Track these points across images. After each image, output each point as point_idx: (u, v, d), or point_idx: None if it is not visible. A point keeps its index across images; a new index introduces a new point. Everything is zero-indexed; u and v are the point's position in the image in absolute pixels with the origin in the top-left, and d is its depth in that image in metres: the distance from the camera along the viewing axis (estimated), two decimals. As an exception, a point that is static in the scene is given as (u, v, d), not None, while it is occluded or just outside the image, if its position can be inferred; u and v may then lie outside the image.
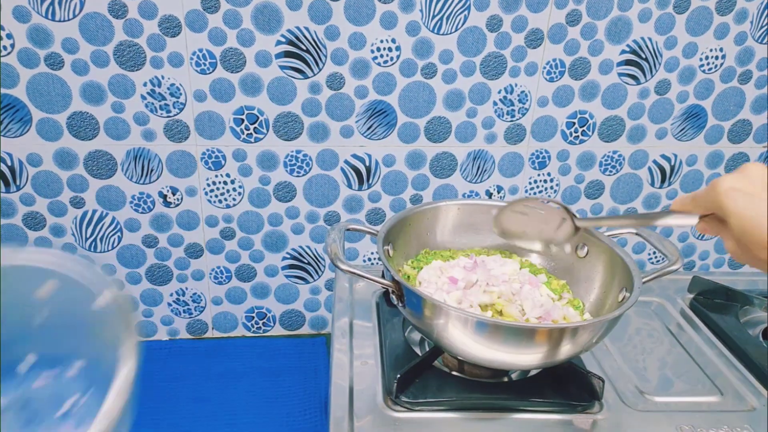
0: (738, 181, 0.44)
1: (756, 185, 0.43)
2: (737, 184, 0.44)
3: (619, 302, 0.66)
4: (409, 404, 0.64)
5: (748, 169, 0.45)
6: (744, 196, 0.43)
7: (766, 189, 0.43)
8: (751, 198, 0.43)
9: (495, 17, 0.89)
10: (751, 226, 0.42)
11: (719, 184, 0.44)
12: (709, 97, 0.99)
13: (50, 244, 0.97)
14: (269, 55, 0.88)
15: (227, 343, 1.08)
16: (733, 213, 0.43)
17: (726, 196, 0.44)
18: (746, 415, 0.66)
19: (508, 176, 1.02)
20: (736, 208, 0.43)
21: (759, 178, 0.44)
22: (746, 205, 0.43)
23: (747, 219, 0.42)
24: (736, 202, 0.43)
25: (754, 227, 0.42)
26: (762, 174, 0.44)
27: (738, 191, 0.43)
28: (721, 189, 0.44)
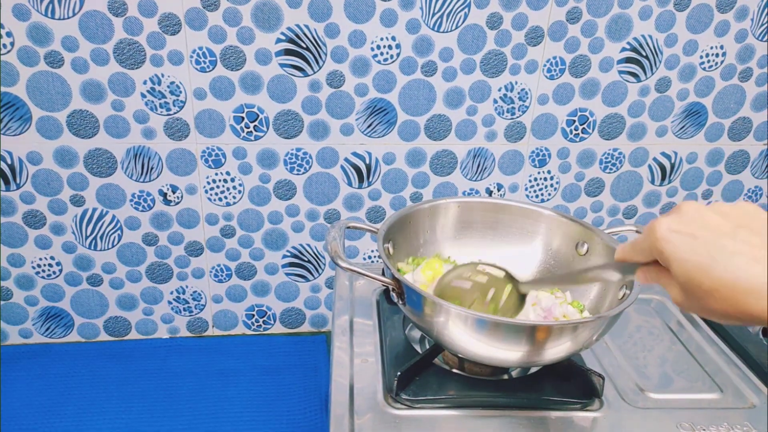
0: (675, 222, 0.39)
1: (694, 226, 0.39)
2: (675, 226, 0.39)
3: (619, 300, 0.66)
4: (410, 402, 0.64)
5: (683, 208, 0.40)
6: (684, 239, 0.38)
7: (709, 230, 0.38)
8: (690, 240, 0.38)
9: (495, 15, 0.89)
10: (698, 272, 0.38)
11: (656, 228, 0.40)
12: (710, 95, 0.99)
13: (51, 242, 0.98)
14: (269, 53, 0.88)
15: (227, 341, 1.08)
16: (674, 258, 0.39)
17: (665, 240, 0.39)
18: (746, 413, 0.66)
19: (508, 174, 1.02)
20: (677, 253, 0.39)
21: (697, 218, 0.39)
22: (687, 249, 0.38)
23: (691, 264, 0.38)
24: (675, 246, 0.39)
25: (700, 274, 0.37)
26: (701, 213, 0.39)
27: (677, 234, 0.39)
28: (659, 233, 0.39)
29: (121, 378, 0.98)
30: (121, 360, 1.02)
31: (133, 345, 1.06)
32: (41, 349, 1.04)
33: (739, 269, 0.36)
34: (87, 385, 0.96)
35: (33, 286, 1.01)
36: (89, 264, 1.01)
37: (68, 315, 1.05)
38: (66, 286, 1.02)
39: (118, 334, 1.08)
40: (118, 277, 1.02)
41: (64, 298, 1.03)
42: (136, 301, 1.05)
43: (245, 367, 1.01)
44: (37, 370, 0.99)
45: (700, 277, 0.37)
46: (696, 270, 0.38)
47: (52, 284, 1.01)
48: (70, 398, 0.93)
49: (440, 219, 0.80)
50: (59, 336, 1.06)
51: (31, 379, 0.97)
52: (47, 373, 0.98)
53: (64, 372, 0.99)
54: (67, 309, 1.04)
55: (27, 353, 1.03)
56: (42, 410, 0.91)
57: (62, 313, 1.04)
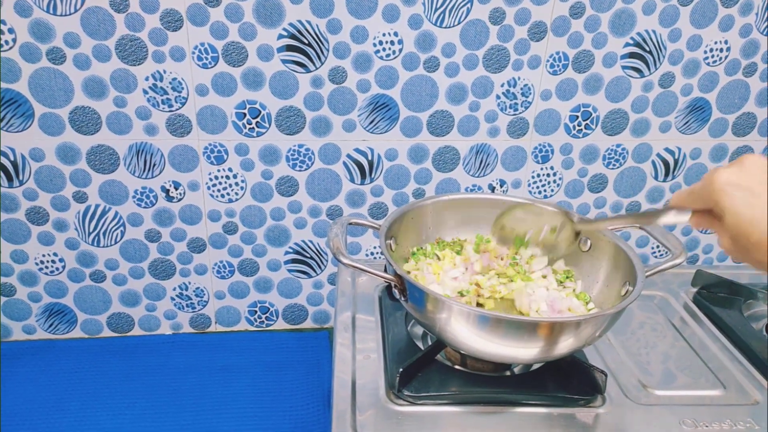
0: (735, 175, 0.41)
1: (754, 180, 0.40)
2: (734, 179, 0.40)
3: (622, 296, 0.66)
4: (412, 398, 0.64)
5: (746, 162, 0.41)
6: (741, 193, 0.40)
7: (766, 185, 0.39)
8: (749, 195, 0.39)
9: (498, 10, 0.89)
10: (749, 225, 0.39)
11: (716, 178, 0.41)
12: (714, 90, 0.99)
13: (53, 239, 0.98)
14: (271, 48, 0.88)
15: (230, 338, 1.09)
16: (729, 211, 0.40)
17: (723, 192, 0.41)
18: (749, 409, 0.66)
19: (510, 170, 1.01)
20: (733, 206, 0.40)
21: (758, 172, 0.40)
22: (743, 202, 0.39)
23: (744, 218, 0.39)
24: (732, 199, 0.40)
25: (751, 227, 0.39)
26: (761, 167, 0.41)
27: (735, 186, 0.40)
28: (718, 185, 0.41)
29: (124, 374, 0.98)
30: (124, 356, 1.02)
31: (136, 341, 1.07)
32: (44, 345, 1.04)
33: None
34: (90, 381, 0.96)
35: (36, 283, 1.01)
36: (92, 260, 1.01)
37: (71, 311, 1.05)
38: (69, 283, 1.02)
39: (121, 330, 1.08)
40: (120, 273, 1.03)
41: (67, 294, 1.03)
42: (139, 297, 1.05)
43: (248, 363, 1.02)
44: (40, 366, 0.99)
45: (751, 229, 0.39)
46: (747, 223, 0.39)
47: (55, 280, 1.02)
48: (73, 394, 0.93)
49: (443, 215, 0.79)
50: (62, 332, 1.07)
51: (35, 375, 0.97)
52: (50, 369, 0.99)
53: (68, 368, 0.99)
54: (70, 305, 1.04)
55: (30, 349, 1.03)
56: (45, 406, 0.91)
57: (65, 309, 1.04)
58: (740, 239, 0.40)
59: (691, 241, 1.12)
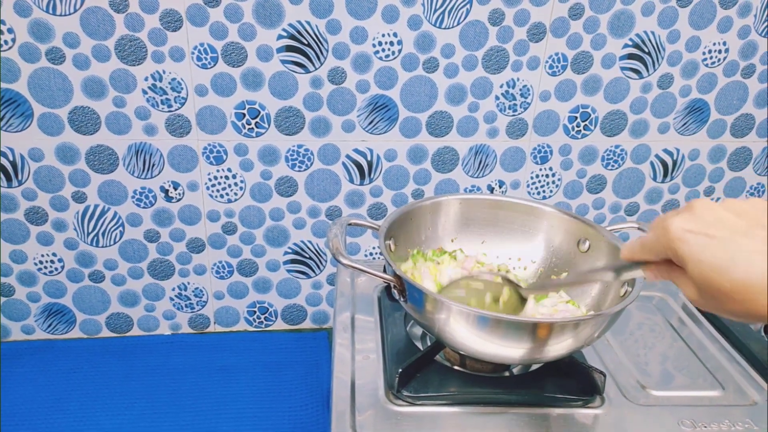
0: (689, 222, 0.38)
1: (710, 226, 0.38)
2: (690, 225, 0.38)
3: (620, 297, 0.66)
4: (411, 398, 0.64)
5: (696, 207, 0.39)
6: (701, 240, 0.37)
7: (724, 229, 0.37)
8: (708, 240, 0.37)
9: (497, 11, 0.89)
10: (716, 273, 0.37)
11: (670, 227, 0.39)
12: (712, 91, 0.99)
13: (52, 239, 0.98)
14: (270, 49, 0.88)
15: (229, 338, 1.09)
16: (690, 260, 0.38)
17: (680, 241, 0.38)
18: (747, 410, 0.66)
19: (509, 171, 1.01)
20: (694, 254, 0.38)
21: (711, 216, 0.38)
22: (704, 249, 0.37)
23: (707, 265, 0.37)
24: (692, 247, 0.38)
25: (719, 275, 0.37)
26: (713, 211, 0.39)
27: (692, 234, 0.38)
28: (674, 233, 0.39)
29: (123, 374, 0.98)
30: (123, 356, 1.02)
31: (135, 341, 1.07)
32: (43, 345, 1.04)
33: (760, 269, 0.35)
34: (89, 381, 0.96)
35: (35, 283, 1.01)
36: (91, 260, 1.01)
37: (70, 311, 1.05)
38: (68, 283, 1.02)
39: (120, 331, 1.08)
40: (119, 273, 1.02)
41: (66, 294, 1.03)
42: (138, 297, 1.05)
43: (247, 363, 1.02)
44: (39, 367, 0.99)
45: (719, 278, 0.37)
46: (714, 271, 0.37)
47: (54, 281, 1.02)
48: (72, 394, 0.93)
49: (442, 216, 0.79)
50: (61, 332, 1.07)
51: (34, 375, 0.97)
52: (49, 369, 0.99)
53: (67, 368, 0.99)
54: (69, 305, 1.04)
55: (29, 349, 1.03)
56: (44, 406, 0.91)
57: (64, 309, 1.04)
58: (708, 289, 0.38)
59: (689, 241, 1.12)
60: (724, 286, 0.36)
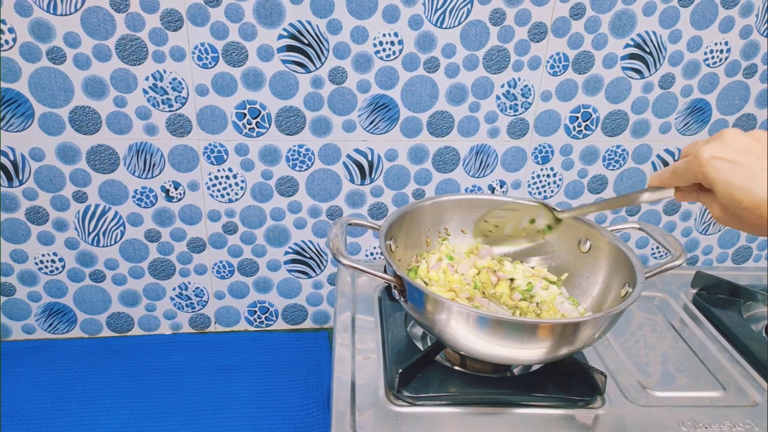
0: (719, 149, 0.45)
1: (737, 153, 0.44)
2: (719, 153, 0.44)
3: (621, 297, 0.66)
4: (411, 399, 0.64)
5: (725, 136, 0.45)
6: (728, 165, 0.44)
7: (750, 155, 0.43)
8: (735, 166, 0.43)
9: (498, 11, 0.89)
10: (740, 193, 0.43)
11: (701, 155, 0.45)
12: (714, 91, 0.99)
13: (53, 238, 0.98)
14: (271, 49, 0.88)
15: (230, 338, 1.09)
16: (720, 182, 0.44)
17: (710, 166, 0.44)
18: (748, 411, 0.66)
19: (510, 171, 1.01)
20: (723, 177, 0.44)
21: (739, 145, 0.44)
22: (731, 173, 0.43)
23: (734, 187, 0.43)
24: (720, 171, 0.44)
25: (742, 194, 0.43)
26: (741, 140, 0.45)
27: (721, 160, 0.44)
28: (705, 159, 0.45)
29: (123, 374, 0.98)
30: (124, 356, 1.02)
31: (136, 341, 1.07)
32: (44, 344, 1.04)
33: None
34: (90, 381, 0.96)
35: (36, 282, 1.01)
36: (92, 260, 1.01)
37: (71, 311, 1.05)
38: (69, 282, 1.02)
39: (121, 330, 1.08)
40: (120, 273, 1.03)
41: (66, 294, 1.03)
42: (139, 297, 1.05)
43: (247, 363, 1.02)
44: (39, 366, 0.99)
45: (742, 196, 0.43)
46: (739, 191, 0.43)
47: (54, 280, 1.02)
48: (72, 394, 0.93)
49: (442, 216, 0.79)
50: (62, 332, 1.07)
51: (34, 374, 0.97)
52: (50, 369, 0.99)
53: (67, 368, 0.99)
54: (69, 305, 1.04)
55: (30, 349, 1.03)
56: (45, 406, 0.91)
57: (65, 309, 1.04)
58: (733, 206, 0.44)
59: (690, 242, 1.12)
60: (746, 203, 0.43)
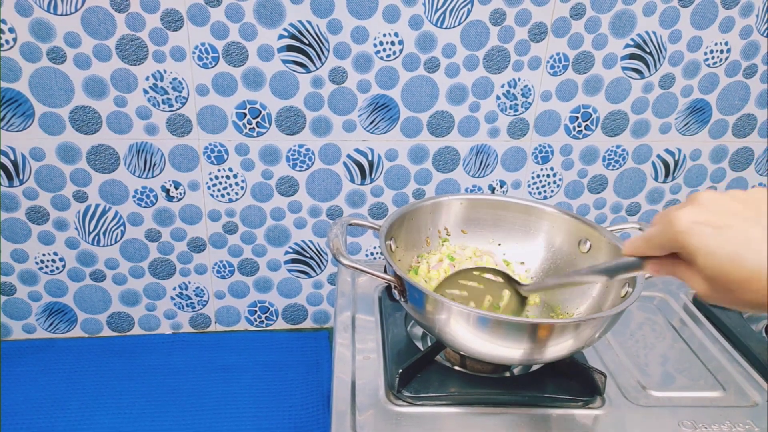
0: (697, 213, 0.38)
1: (719, 215, 0.37)
2: (697, 218, 0.37)
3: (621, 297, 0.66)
4: (411, 399, 0.64)
5: (702, 198, 0.39)
6: (710, 230, 0.37)
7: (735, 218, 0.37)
8: (719, 231, 0.37)
9: (498, 11, 0.89)
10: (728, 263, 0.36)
11: (677, 221, 0.38)
12: (714, 92, 0.99)
13: (54, 238, 0.98)
14: (271, 49, 0.88)
15: (230, 337, 1.09)
16: (701, 252, 0.37)
17: (689, 233, 0.37)
18: (748, 411, 0.66)
19: (511, 171, 1.01)
20: (706, 246, 0.37)
21: (720, 207, 0.38)
22: (715, 240, 0.36)
23: (718, 256, 0.36)
24: (701, 238, 0.37)
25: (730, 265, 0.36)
26: (721, 201, 0.38)
27: (701, 225, 0.37)
28: (682, 226, 0.38)
29: (124, 373, 0.98)
30: (124, 355, 1.03)
31: (136, 340, 1.07)
32: (44, 344, 1.05)
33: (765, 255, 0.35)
34: (90, 380, 0.96)
35: (36, 282, 1.01)
36: (92, 260, 1.01)
37: (71, 310, 1.05)
38: (69, 282, 1.02)
39: (121, 330, 1.08)
40: (121, 272, 1.03)
41: (67, 293, 1.03)
42: (139, 296, 1.05)
43: (247, 362, 1.02)
44: (40, 366, 0.99)
45: (730, 268, 0.36)
46: (726, 262, 0.36)
47: (55, 280, 1.02)
48: (73, 394, 0.93)
49: (443, 216, 0.79)
50: (62, 331, 1.07)
51: (34, 374, 0.97)
52: (50, 368, 0.99)
53: (67, 367, 0.99)
54: (70, 304, 1.04)
55: (30, 348, 1.03)
56: (45, 405, 0.91)
57: (65, 308, 1.04)
58: (720, 279, 0.37)
59: (690, 242, 1.12)
60: (738, 276, 0.36)
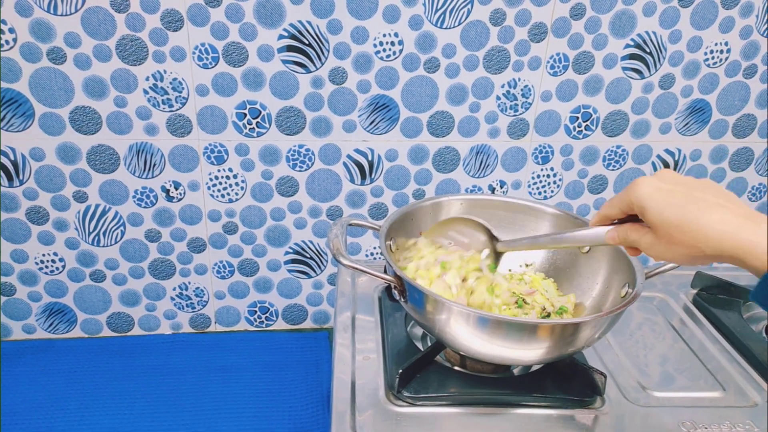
0: (656, 180, 0.47)
1: (672, 183, 0.46)
2: (655, 183, 0.47)
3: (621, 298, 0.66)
4: (411, 399, 0.64)
5: (662, 172, 0.48)
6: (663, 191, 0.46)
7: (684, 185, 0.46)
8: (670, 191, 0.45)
9: (498, 11, 0.89)
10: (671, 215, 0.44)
11: (636, 184, 0.47)
12: (714, 92, 0.99)
13: (53, 238, 0.98)
14: (271, 49, 0.88)
15: (230, 338, 1.09)
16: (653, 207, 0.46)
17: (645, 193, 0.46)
18: (748, 411, 0.66)
19: (511, 171, 1.01)
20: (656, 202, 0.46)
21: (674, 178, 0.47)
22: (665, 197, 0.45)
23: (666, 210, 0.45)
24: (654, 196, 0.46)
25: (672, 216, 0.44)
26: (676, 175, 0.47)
27: (656, 188, 0.46)
28: (641, 187, 0.47)
29: (123, 374, 0.98)
30: (124, 356, 1.03)
31: (136, 341, 1.07)
32: (44, 344, 1.05)
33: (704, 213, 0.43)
34: (90, 380, 0.96)
35: (36, 282, 1.01)
36: (92, 260, 1.01)
37: (71, 311, 1.05)
38: (69, 282, 1.02)
39: (121, 330, 1.08)
40: (120, 273, 1.03)
41: (67, 294, 1.03)
42: (139, 297, 1.05)
43: (247, 363, 1.02)
44: (39, 366, 0.99)
45: (673, 219, 0.44)
46: (671, 216, 0.44)
47: (55, 280, 1.02)
48: (72, 394, 0.93)
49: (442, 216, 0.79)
50: (62, 332, 1.07)
51: (34, 374, 0.97)
52: (50, 368, 0.99)
53: (67, 368, 0.99)
54: (70, 305, 1.04)
55: (30, 349, 1.03)
56: (44, 406, 0.91)
57: (65, 308, 1.04)
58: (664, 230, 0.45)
59: (690, 242, 1.12)
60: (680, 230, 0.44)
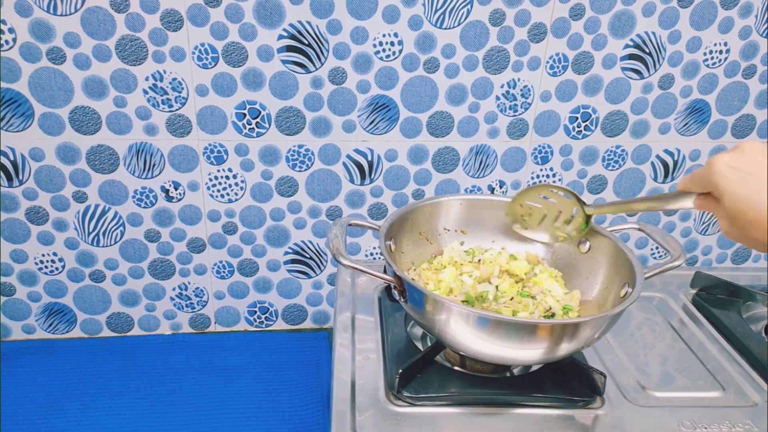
0: (734, 159, 0.44)
1: (752, 163, 0.43)
2: (732, 162, 0.44)
3: (621, 298, 0.66)
4: (411, 399, 0.64)
5: (744, 147, 0.44)
6: (738, 175, 0.43)
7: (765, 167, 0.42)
8: (746, 176, 0.42)
9: (498, 11, 0.89)
10: (745, 205, 0.42)
11: (715, 162, 0.44)
12: (713, 92, 0.99)
13: (53, 238, 0.98)
14: (271, 49, 0.88)
15: (230, 338, 1.09)
16: (726, 192, 0.43)
17: (720, 174, 0.44)
18: (748, 411, 0.66)
19: (510, 171, 1.01)
20: (730, 187, 0.43)
21: (756, 157, 0.43)
22: (740, 183, 0.42)
23: (740, 198, 0.42)
24: (729, 180, 0.43)
25: (747, 206, 0.42)
26: (759, 152, 0.43)
27: (733, 169, 0.43)
28: (716, 168, 0.44)
29: (123, 374, 0.98)
30: (124, 356, 1.02)
31: (136, 341, 1.07)
32: (44, 344, 1.04)
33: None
34: (89, 381, 0.96)
35: (36, 282, 1.01)
36: (92, 260, 1.01)
37: (71, 311, 1.05)
38: (69, 282, 1.02)
39: (121, 330, 1.08)
40: (120, 273, 1.03)
41: (66, 294, 1.03)
42: (139, 297, 1.05)
43: (247, 363, 1.02)
44: (39, 366, 0.99)
45: (746, 208, 0.42)
46: (744, 203, 0.42)
47: (54, 280, 1.02)
48: (72, 394, 0.93)
49: (442, 216, 0.80)
50: (62, 332, 1.07)
51: (34, 374, 0.97)
52: (50, 368, 0.99)
53: (67, 368, 0.99)
54: (69, 305, 1.04)
55: (30, 349, 1.03)
56: (44, 406, 0.91)
57: (65, 309, 1.04)
58: (737, 219, 0.43)
59: (690, 242, 1.12)
60: (750, 215, 0.42)
